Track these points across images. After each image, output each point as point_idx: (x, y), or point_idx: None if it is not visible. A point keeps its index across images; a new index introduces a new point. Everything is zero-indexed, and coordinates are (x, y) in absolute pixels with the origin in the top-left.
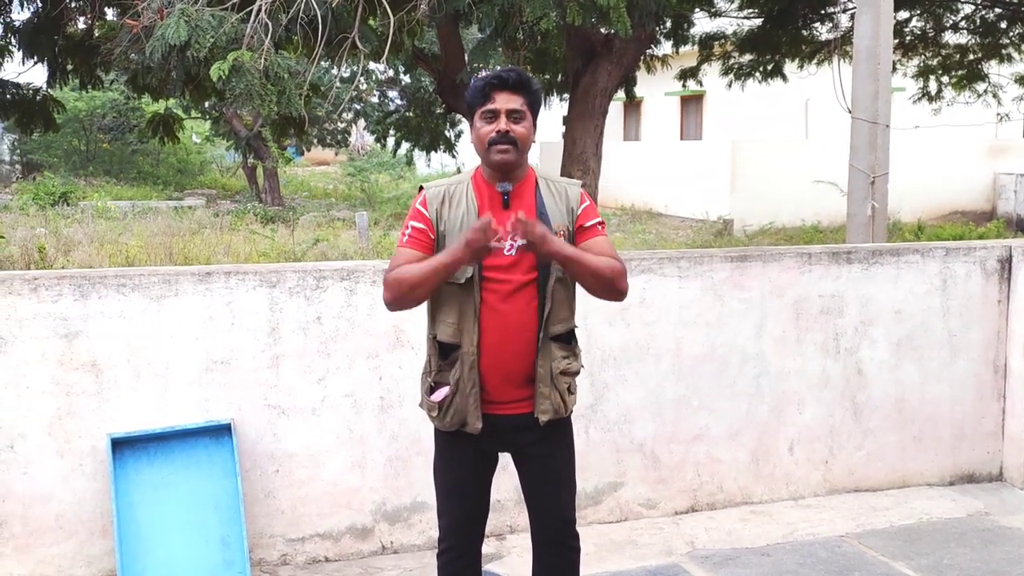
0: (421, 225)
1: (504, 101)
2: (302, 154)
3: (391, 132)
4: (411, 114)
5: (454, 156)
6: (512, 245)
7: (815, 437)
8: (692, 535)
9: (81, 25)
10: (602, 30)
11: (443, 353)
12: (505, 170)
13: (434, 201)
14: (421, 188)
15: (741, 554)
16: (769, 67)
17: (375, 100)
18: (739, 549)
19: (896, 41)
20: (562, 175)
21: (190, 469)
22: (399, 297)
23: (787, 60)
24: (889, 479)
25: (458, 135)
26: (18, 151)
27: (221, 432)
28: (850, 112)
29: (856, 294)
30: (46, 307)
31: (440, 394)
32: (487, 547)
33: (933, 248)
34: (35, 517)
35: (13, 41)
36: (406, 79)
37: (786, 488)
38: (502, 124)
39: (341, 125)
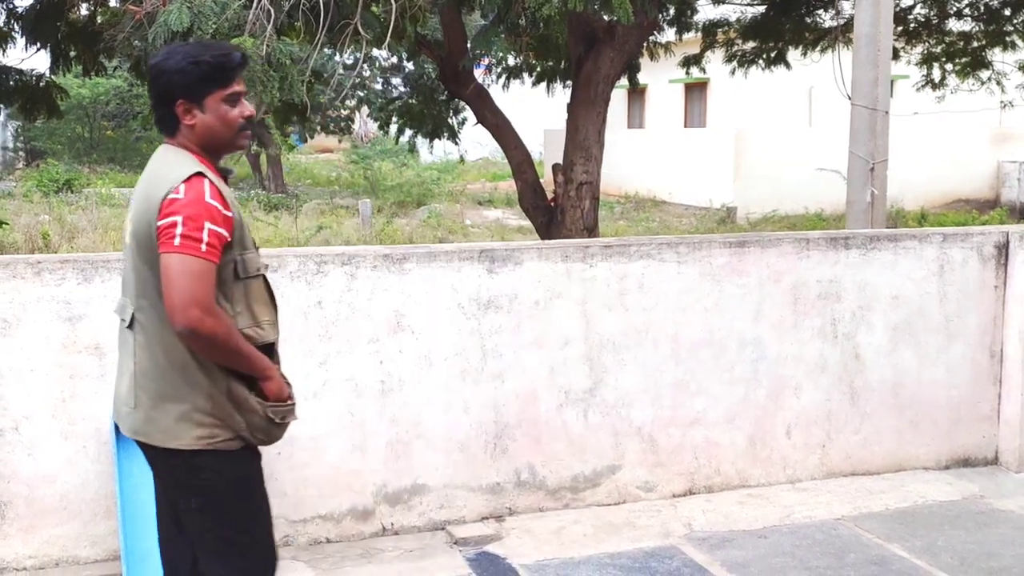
0: (223, 230)
1: (241, 83)
2: (305, 141)
3: (394, 119)
4: (414, 101)
5: (456, 143)
6: None
7: (812, 421)
8: (690, 517)
9: (84, 11)
10: (604, 17)
11: (266, 354)
12: (232, 153)
13: (223, 190)
14: (197, 176)
15: (738, 536)
16: (772, 54)
17: (378, 87)
18: (736, 531)
19: (900, 28)
20: (564, 162)
21: None
22: (216, 348)
23: (790, 47)
24: (886, 463)
25: (461, 122)
26: (22, 138)
27: None
28: (850, 99)
29: (854, 279)
30: (49, 290)
31: (291, 392)
32: (486, 528)
33: (931, 234)
34: (40, 498)
35: (16, 27)
36: (409, 66)
37: (783, 472)
38: (247, 108)
39: (344, 112)
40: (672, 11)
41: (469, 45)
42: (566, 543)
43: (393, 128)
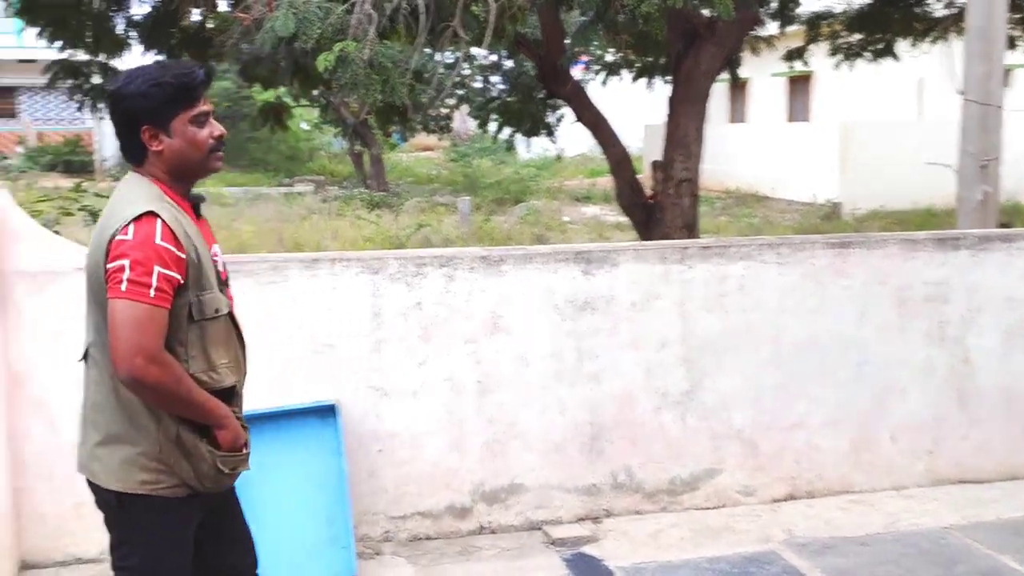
0: (174, 273)
1: (206, 102)
2: (406, 140)
3: (493, 117)
4: (512, 99)
5: (554, 141)
6: (218, 258)
7: (919, 426)
8: (790, 523)
9: (195, 18)
10: (704, 12)
11: (224, 398)
12: (206, 177)
13: (178, 231)
14: (148, 216)
15: (840, 543)
16: (880, 46)
17: (477, 85)
18: (838, 538)
19: (1018, 16)
20: (664, 159)
21: (298, 448)
22: (167, 395)
23: (899, 39)
24: (997, 471)
25: (559, 119)
26: None
27: (327, 413)
28: (961, 93)
29: (964, 281)
30: None
31: (247, 441)
32: (582, 529)
33: None
34: None
35: (133, 34)
36: (508, 64)
37: (888, 478)
38: (217, 128)
39: (444, 111)
40: (774, 5)
41: (567, 43)
42: (663, 546)
43: (492, 126)
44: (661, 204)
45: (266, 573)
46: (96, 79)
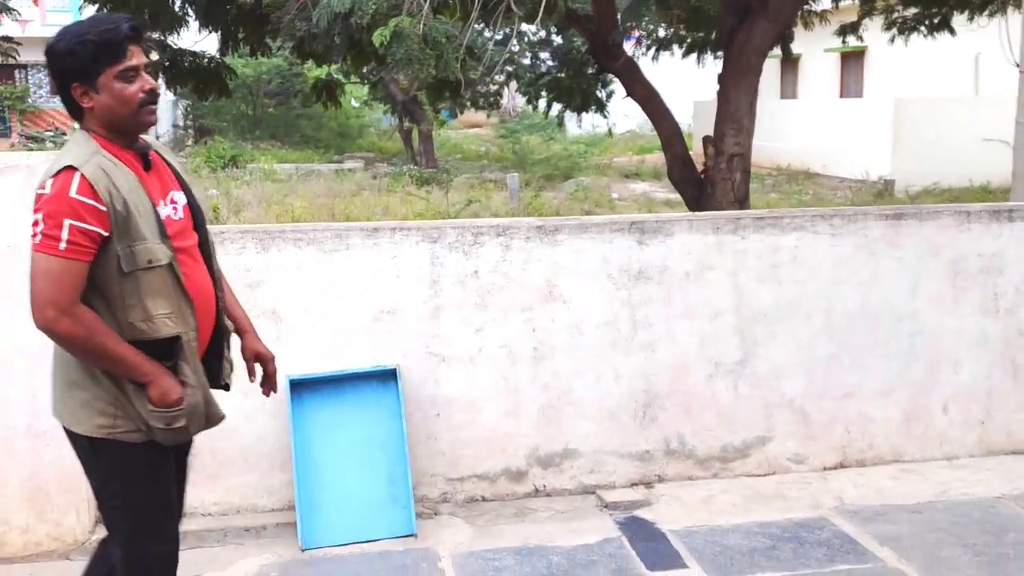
0: (92, 227)
1: (138, 56)
2: (455, 117)
3: (542, 93)
4: (562, 75)
5: (605, 116)
6: (177, 207)
7: (971, 397)
8: (840, 490)
9: None
10: None
11: (159, 353)
12: (143, 132)
13: (100, 183)
14: (66, 171)
15: (890, 511)
16: (935, 20)
17: (527, 62)
18: (888, 506)
19: None
20: (715, 134)
21: (360, 410)
22: (80, 347)
23: (955, 12)
24: None
25: (609, 95)
26: (191, 116)
27: (388, 377)
28: (1017, 66)
29: (1018, 253)
30: (231, 259)
31: (181, 397)
32: (635, 494)
33: None
34: (222, 450)
35: (190, 11)
36: (558, 40)
37: (939, 448)
38: (148, 82)
39: (493, 87)
40: None
41: (619, 18)
42: (715, 511)
43: (542, 102)
44: (712, 179)
45: (331, 529)
46: (154, 56)
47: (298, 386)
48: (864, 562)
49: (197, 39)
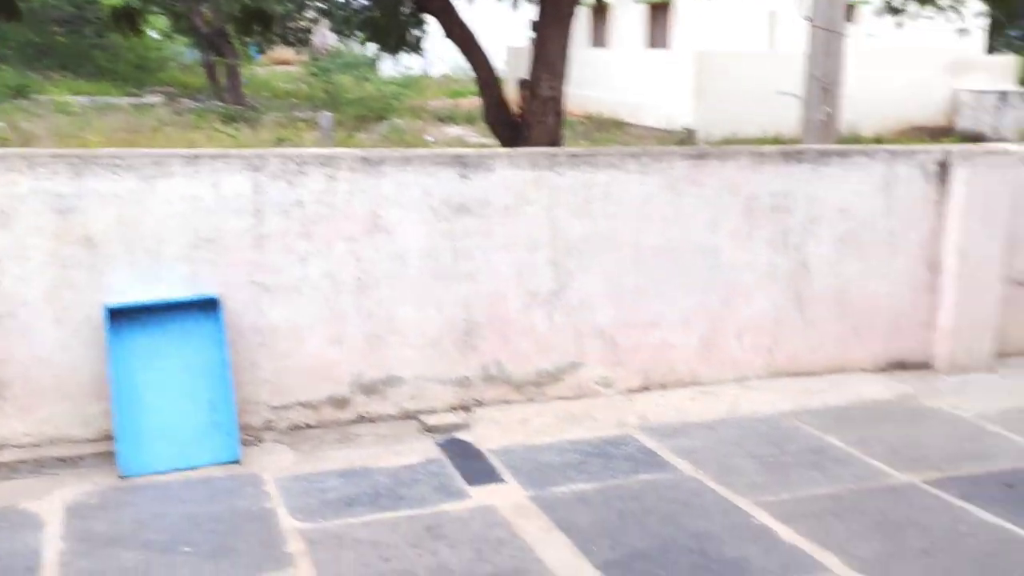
0: None
1: None
2: (263, 53)
3: (356, 32)
4: (377, 14)
5: (422, 56)
6: None
7: (761, 326)
8: (644, 411)
9: None
10: None
11: None
12: None
13: None
14: None
15: (688, 427)
16: None
17: None
18: (686, 423)
19: None
20: (531, 78)
21: (181, 339)
22: None
23: None
24: (827, 365)
25: (423, 36)
26: None
27: (209, 305)
28: (809, 19)
29: (805, 193)
30: (42, 184)
31: None
32: (455, 417)
33: (878, 151)
34: (35, 379)
35: None
36: None
37: (732, 371)
38: None
39: (303, 24)
40: None
41: None
42: (530, 432)
43: (356, 41)
44: (527, 122)
45: (152, 457)
46: None
47: (117, 315)
48: (664, 472)
49: None
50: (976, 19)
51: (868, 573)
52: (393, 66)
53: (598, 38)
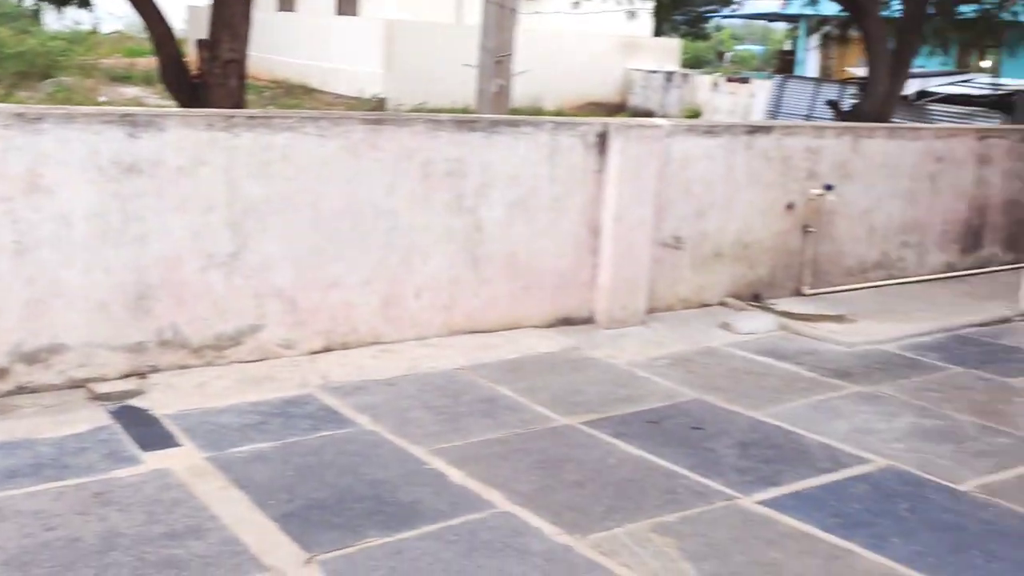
0: None
1: None
2: None
3: None
4: None
5: (90, 10)
6: None
7: (439, 286)
8: (326, 371)
9: None
10: None
11: None
12: None
13: None
14: None
15: (369, 385)
16: None
17: None
18: (368, 381)
19: None
20: (210, 38)
21: None
22: None
23: None
24: (500, 322)
25: None
26: None
27: None
28: None
29: (478, 159)
30: None
31: None
32: (128, 384)
33: (544, 122)
34: None
35: None
36: None
37: (412, 330)
38: None
39: None
40: None
41: None
42: (208, 395)
43: None
44: (207, 84)
45: None
46: None
47: None
48: (344, 428)
49: None
50: (644, 2)
51: (527, 505)
52: (58, 19)
53: (285, 2)
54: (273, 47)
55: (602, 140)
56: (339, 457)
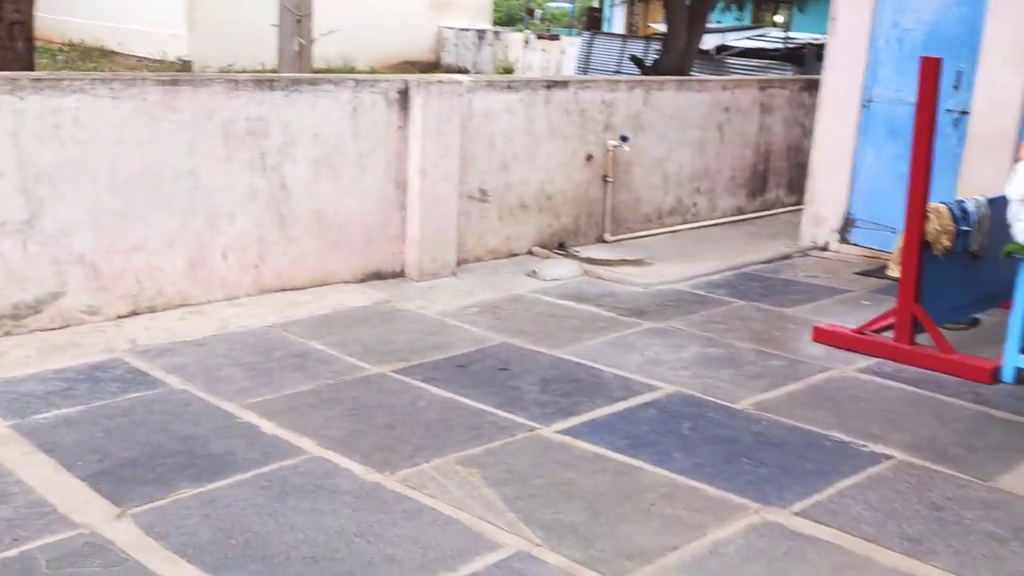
0: None
1: None
2: None
3: None
4: None
5: None
6: None
7: (246, 245)
8: (133, 334)
9: None
10: None
11: None
12: None
13: None
14: None
15: (179, 346)
16: None
17: None
18: (177, 343)
19: None
20: None
21: None
22: None
23: None
24: (311, 279)
25: None
26: None
27: None
28: None
29: (279, 118)
30: None
31: None
32: None
33: (345, 79)
34: None
35: None
36: None
37: (221, 290)
38: None
39: None
40: None
41: None
42: (8, 365)
43: None
44: None
45: None
46: None
47: None
48: (154, 389)
49: None
50: None
51: (338, 449)
52: None
53: None
54: (67, 7)
55: (404, 97)
56: (149, 417)
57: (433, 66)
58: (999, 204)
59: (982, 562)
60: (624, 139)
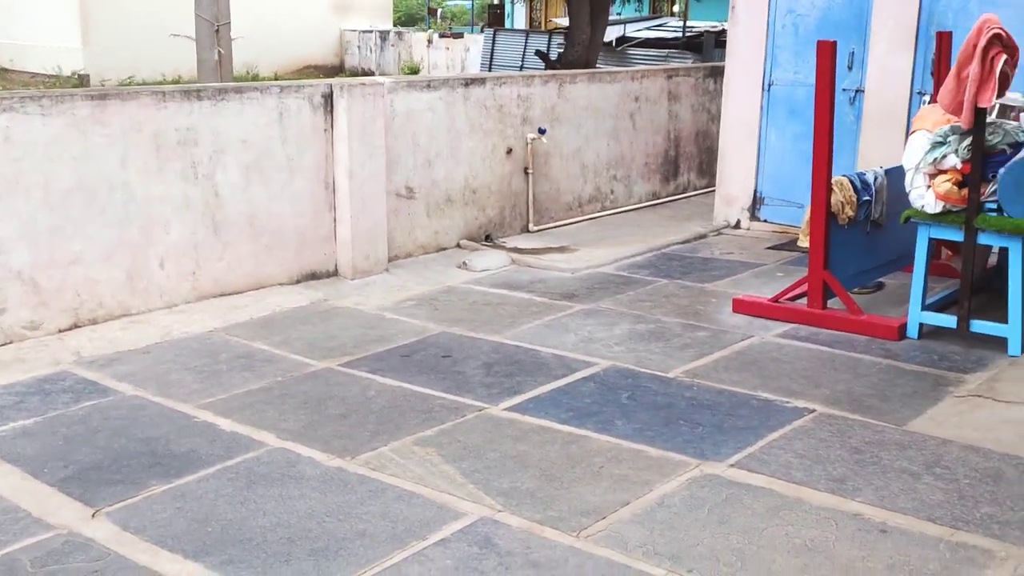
0: None
1: None
2: None
3: None
4: None
5: None
6: None
7: (183, 253)
8: (77, 347)
9: None
10: None
11: None
12: None
13: None
14: None
15: (124, 355)
16: None
17: None
18: (122, 352)
19: None
20: None
21: None
22: None
23: None
24: (248, 283)
25: None
26: None
27: None
28: None
29: (208, 127)
30: None
31: None
32: None
33: (270, 86)
34: None
35: None
36: None
37: (160, 299)
38: None
39: None
40: None
41: None
42: None
43: None
44: None
45: None
46: None
47: None
48: (107, 396)
49: None
50: None
51: (298, 440)
52: None
53: None
54: None
55: (328, 100)
56: (107, 422)
57: (337, 69)
58: (896, 174)
59: (900, 495)
60: (542, 131)
